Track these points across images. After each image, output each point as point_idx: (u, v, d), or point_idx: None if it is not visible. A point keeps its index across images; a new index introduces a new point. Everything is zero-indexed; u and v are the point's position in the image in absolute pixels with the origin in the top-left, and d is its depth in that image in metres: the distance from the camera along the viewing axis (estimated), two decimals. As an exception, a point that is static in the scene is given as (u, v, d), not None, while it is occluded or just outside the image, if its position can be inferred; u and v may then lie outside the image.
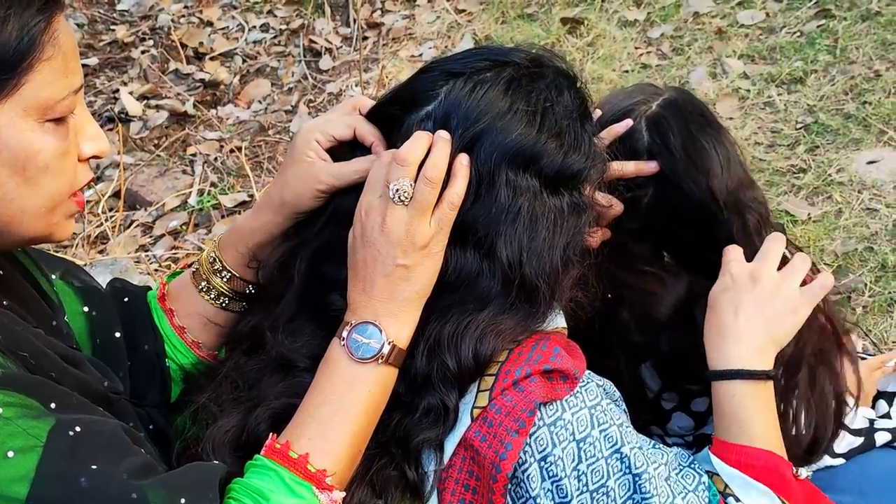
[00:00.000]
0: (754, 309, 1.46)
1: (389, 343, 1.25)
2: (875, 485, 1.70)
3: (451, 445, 1.31)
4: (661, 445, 1.39)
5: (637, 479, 1.31)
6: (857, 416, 1.83)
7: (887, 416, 1.91)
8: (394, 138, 1.36)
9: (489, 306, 1.31)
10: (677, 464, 1.38)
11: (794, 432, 1.65)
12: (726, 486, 1.40)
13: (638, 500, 1.30)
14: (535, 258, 1.30)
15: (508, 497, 1.30)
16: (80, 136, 1.20)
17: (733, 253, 1.54)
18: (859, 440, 1.80)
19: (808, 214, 3.00)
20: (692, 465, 1.39)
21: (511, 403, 1.29)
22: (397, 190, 1.24)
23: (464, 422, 1.30)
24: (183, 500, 1.09)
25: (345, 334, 1.26)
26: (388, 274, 1.25)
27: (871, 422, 1.87)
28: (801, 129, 3.34)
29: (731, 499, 1.39)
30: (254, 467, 1.20)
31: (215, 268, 1.51)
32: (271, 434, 1.23)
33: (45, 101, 1.12)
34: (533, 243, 1.30)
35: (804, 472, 1.49)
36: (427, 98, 1.33)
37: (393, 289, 1.25)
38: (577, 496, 1.30)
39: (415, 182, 1.25)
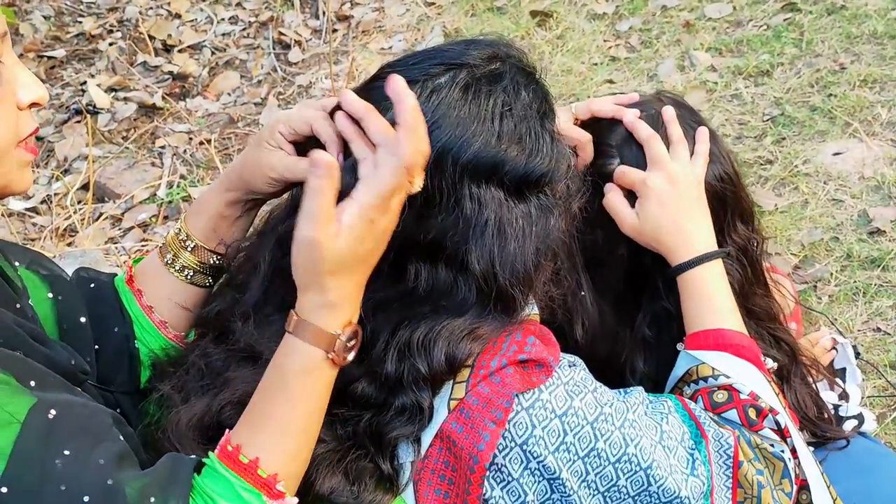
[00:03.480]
0: (688, 204, 1.58)
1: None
2: (844, 471, 1.72)
3: (427, 437, 1.31)
4: (626, 389, 1.43)
5: (623, 429, 1.33)
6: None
7: (844, 394, 1.94)
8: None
9: (466, 315, 1.30)
10: (644, 398, 1.42)
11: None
12: (713, 369, 1.48)
13: (632, 451, 1.33)
14: (507, 267, 1.29)
15: (487, 484, 1.31)
16: (14, 84, 1.20)
17: (635, 173, 1.60)
18: None
19: (775, 205, 3.03)
20: (655, 396, 1.45)
21: (488, 394, 1.29)
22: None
23: (441, 413, 1.30)
24: (153, 500, 1.08)
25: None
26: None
27: (836, 407, 1.90)
28: (767, 121, 3.37)
29: (717, 393, 1.46)
30: (207, 468, 1.17)
31: (180, 238, 1.51)
32: (227, 431, 1.20)
33: None
34: (504, 253, 1.29)
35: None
36: (384, 109, 1.26)
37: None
38: (568, 466, 1.31)
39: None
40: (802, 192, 3.07)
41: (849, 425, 1.86)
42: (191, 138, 3.79)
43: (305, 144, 1.37)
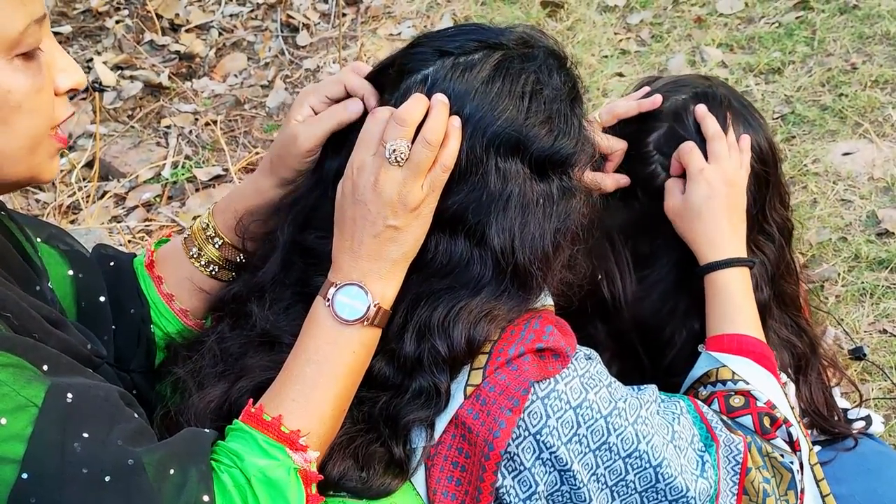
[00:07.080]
0: (732, 208, 1.61)
1: (375, 305, 1.24)
2: (852, 471, 1.72)
3: (442, 423, 1.31)
4: (639, 386, 1.43)
5: (636, 425, 1.34)
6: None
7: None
8: (386, 99, 1.35)
9: (482, 292, 1.30)
10: (657, 397, 1.42)
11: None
12: (733, 373, 1.49)
13: (644, 448, 1.33)
14: (527, 245, 1.30)
15: (499, 472, 1.31)
16: (52, 69, 1.17)
17: (698, 158, 1.61)
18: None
19: (784, 204, 3.03)
20: (668, 396, 1.45)
21: (505, 381, 1.29)
22: (394, 150, 1.22)
23: (457, 399, 1.30)
24: (172, 472, 1.09)
25: (329, 295, 1.24)
26: (377, 234, 1.23)
27: (845, 410, 1.90)
28: (777, 119, 3.37)
29: (735, 398, 1.47)
30: (232, 431, 1.20)
31: (207, 234, 1.50)
32: (249, 399, 1.23)
33: (7, 35, 1.09)
34: (524, 230, 1.29)
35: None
36: (418, 73, 1.31)
37: (380, 249, 1.24)
38: (580, 458, 1.31)
39: (411, 143, 1.23)
40: (811, 192, 3.07)
41: (857, 426, 1.86)
42: (196, 119, 3.76)
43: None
